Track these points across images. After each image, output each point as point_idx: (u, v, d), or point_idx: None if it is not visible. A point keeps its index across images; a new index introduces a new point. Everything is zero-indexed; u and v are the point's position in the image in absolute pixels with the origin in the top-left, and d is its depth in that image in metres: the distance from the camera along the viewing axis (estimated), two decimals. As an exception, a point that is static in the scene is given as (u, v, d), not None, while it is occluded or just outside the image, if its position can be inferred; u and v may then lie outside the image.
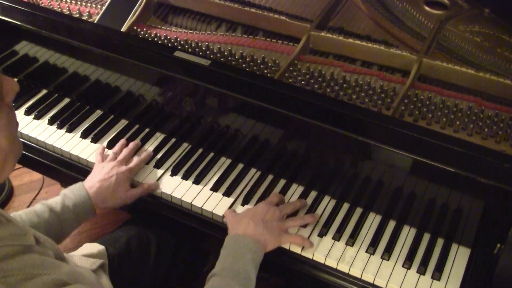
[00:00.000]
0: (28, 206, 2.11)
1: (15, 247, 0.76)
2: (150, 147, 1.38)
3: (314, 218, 1.19)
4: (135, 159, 1.31)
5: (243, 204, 1.25)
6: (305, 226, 1.19)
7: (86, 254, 1.18)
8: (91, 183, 1.22)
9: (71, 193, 1.19)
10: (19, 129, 1.38)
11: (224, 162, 1.34)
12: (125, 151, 1.32)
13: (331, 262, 1.13)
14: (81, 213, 1.18)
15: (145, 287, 1.27)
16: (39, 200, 2.14)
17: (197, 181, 1.29)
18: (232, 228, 1.14)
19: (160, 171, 1.32)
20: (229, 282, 1.00)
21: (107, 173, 1.24)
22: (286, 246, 1.16)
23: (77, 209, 1.17)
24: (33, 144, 1.42)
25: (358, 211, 1.24)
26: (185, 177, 1.30)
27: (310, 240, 1.16)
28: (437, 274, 1.10)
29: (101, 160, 1.30)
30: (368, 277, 1.11)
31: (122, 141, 1.37)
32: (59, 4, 1.53)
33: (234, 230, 1.13)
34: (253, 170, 1.33)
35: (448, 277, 1.10)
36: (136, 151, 1.36)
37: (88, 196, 1.19)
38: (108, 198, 1.22)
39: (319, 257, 1.14)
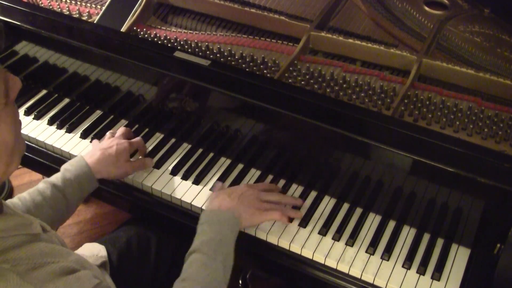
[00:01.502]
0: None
1: (22, 237, 0.77)
2: (150, 147, 1.38)
3: (296, 213, 1.20)
4: (137, 138, 1.33)
5: (243, 204, 1.25)
6: (291, 220, 1.20)
7: (87, 254, 1.18)
8: (92, 152, 1.24)
9: (71, 166, 1.20)
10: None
11: (224, 162, 1.34)
12: (122, 129, 1.34)
13: (331, 262, 1.13)
14: (83, 184, 1.19)
15: (145, 287, 1.27)
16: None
17: (197, 181, 1.29)
18: (208, 204, 1.16)
19: (160, 171, 1.32)
20: (211, 256, 1.01)
21: (107, 144, 1.26)
22: (286, 246, 1.16)
23: (79, 179, 1.18)
24: (33, 145, 1.42)
25: (358, 211, 1.24)
26: (185, 177, 1.30)
27: (293, 211, 1.18)
28: (437, 274, 1.10)
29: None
30: (368, 277, 1.11)
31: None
32: (59, 4, 1.53)
33: (210, 205, 1.15)
34: (253, 170, 1.33)
35: (448, 277, 1.10)
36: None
37: (88, 166, 1.20)
38: (109, 167, 1.23)
39: (319, 257, 1.14)
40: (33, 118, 1.47)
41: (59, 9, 1.52)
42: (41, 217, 0.93)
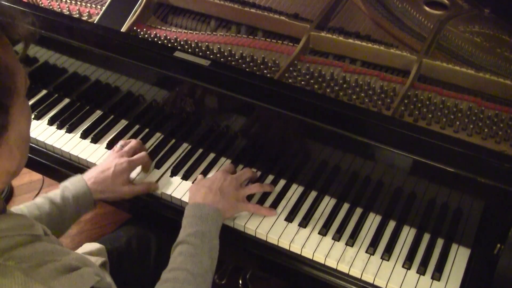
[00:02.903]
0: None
1: (26, 237, 0.78)
2: (150, 147, 1.38)
3: (270, 187, 1.26)
4: (139, 154, 1.31)
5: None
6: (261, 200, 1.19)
7: (86, 254, 1.18)
8: (91, 174, 1.23)
9: (71, 185, 1.19)
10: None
11: (224, 162, 1.34)
12: (133, 142, 1.33)
13: (331, 262, 1.14)
14: (81, 204, 1.18)
15: (145, 287, 1.27)
16: (39, 200, 2.14)
17: (197, 181, 1.29)
18: (191, 197, 1.18)
19: (160, 171, 1.32)
20: (198, 246, 1.03)
21: (106, 164, 1.25)
22: (286, 246, 1.16)
23: (77, 200, 1.18)
24: (33, 145, 1.42)
25: (358, 211, 1.24)
26: (185, 177, 1.30)
27: (269, 208, 1.22)
28: (437, 274, 1.10)
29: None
30: (368, 278, 1.11)
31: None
32: (59, 4, 1.53)
33: (193, 199, 1.17)
34: (253, 170, 1.33)
35: (448, 277, 1.10)
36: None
37: (87, 187, 1.19)
38: (106, 189, 1.22)
39: (319, 257, 1.14)
40: (33, 118, 1.47)
41: (59, 9, 1.52)
42: None
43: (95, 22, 1.46)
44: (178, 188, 1.27)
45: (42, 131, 1.43)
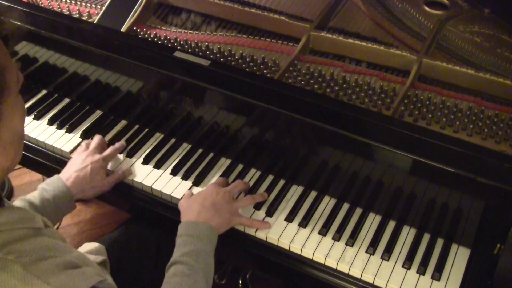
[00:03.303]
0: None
1: (27, 230, 0.78)
2: (150, 147, 1.38)
3: (263, 196, 1.23)
4: (109, 148, 1.33)
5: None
6: (258, 207, 1.20)
7: (86, 252, 1.18)
8: (68, 174, 1.22)
9: (49, 186, 1.19)
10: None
11: (224, 162, 1.34)
12: (96, 139, 1.34)
13: (331, 262, 1.13)
14: (61, 205, 1.18)
15: (145, 287, 1.27)
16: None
17: (197, 182, 1.29)
18: (183, 214, 1.15)
19: (160, 171, 1.32)
20: (192, 266, 1.01)
21: (81, 163, 1.25)
22: (286, 246, 1.16)
23: (57, 200, 1.17)
24: (33, 145, 1.42)
25: (358, 211, 1.24)
26: (185, 177, 1.30)
27: (263, 221, 1.19)
28: (437, 274, 1.10)
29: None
30: (368, 278, 1.11)
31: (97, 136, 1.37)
32: (59, 4, 1.53)
33: (186, 217, 1.14)
34: (253, 170, 1.33)
35: (448, 277, 1.10)
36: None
37: (66, 187, 1.19)
38: (86, 187, 1.22)
39: (319, 257, 1.14)
40: (33, 118, 1.47)
41: (59, 9, 1.52)
42: None
43: (95, 22, 1.46)
44: (178, 188, 1.27)
45: (42, 131, 1.43)
